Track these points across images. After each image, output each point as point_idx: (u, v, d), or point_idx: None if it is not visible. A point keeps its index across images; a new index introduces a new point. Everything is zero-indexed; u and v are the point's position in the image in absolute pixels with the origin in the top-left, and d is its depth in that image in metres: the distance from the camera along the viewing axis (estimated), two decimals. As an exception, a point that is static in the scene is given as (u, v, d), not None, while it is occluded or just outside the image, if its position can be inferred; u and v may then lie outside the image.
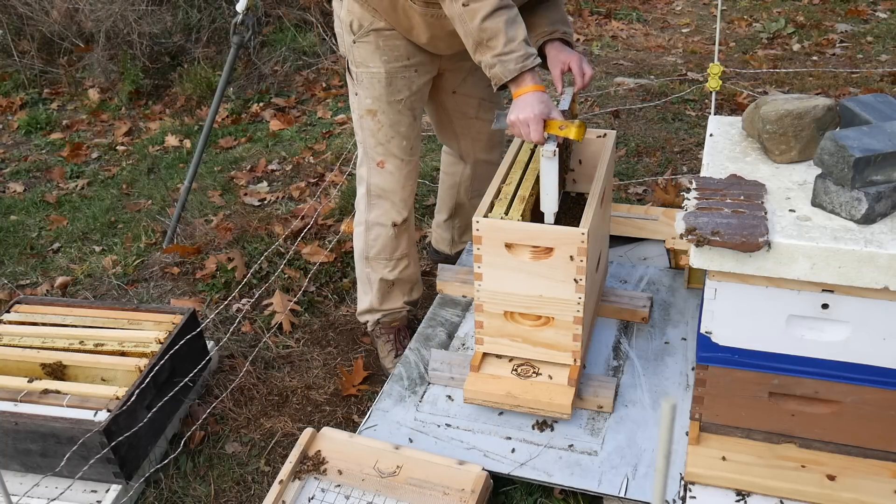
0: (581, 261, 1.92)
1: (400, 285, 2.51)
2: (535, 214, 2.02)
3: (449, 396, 2.22)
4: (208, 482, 2.16)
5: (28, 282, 3.14)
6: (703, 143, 2.01)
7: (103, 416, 2.02)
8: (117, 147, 4.31)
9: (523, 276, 1.99)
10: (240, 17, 3.02)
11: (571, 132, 1.93)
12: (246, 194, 3.67)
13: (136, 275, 3.10)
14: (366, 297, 2.54)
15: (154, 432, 2.17)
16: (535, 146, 2.27)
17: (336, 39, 2.33)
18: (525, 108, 1.91)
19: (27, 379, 2.17)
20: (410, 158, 2.34)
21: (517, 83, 1.92)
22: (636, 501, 1.89)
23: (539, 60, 1.93)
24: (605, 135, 2.30)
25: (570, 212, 2.33)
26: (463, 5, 1.88)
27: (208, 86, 4.66)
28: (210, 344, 2.53)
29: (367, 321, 2.59)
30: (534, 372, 2.12)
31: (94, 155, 4.24)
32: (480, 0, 1.86)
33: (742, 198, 1.68)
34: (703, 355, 1.79)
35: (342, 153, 3.87)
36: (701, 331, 1.77)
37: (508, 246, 1.96)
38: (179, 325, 2.30)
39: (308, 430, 2.06)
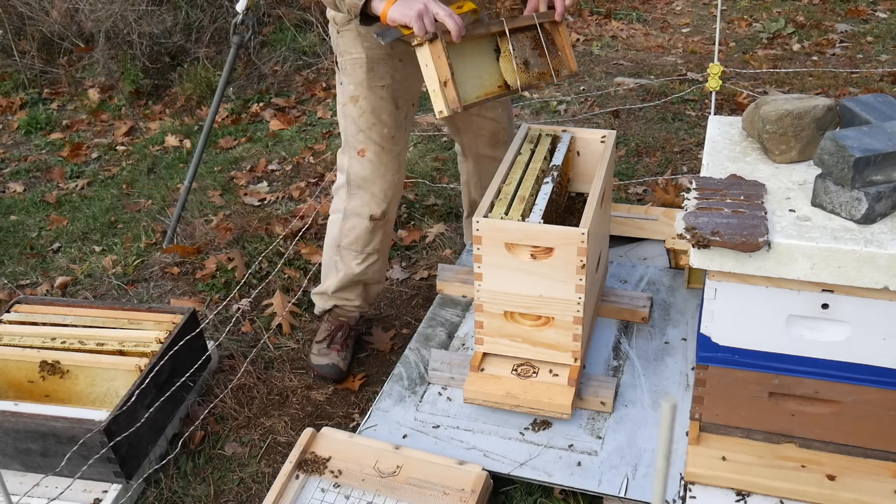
0: (581, 261, 1.92)
1: (363, 281, 2.48)
2: (546, 215, 2.02)
3: (448, 397, 2.22)
4: (208, 482, 2.16)
5: (28, 282, 3.14)
6: (703, 143, 2.01)
7: (103, 415, 2.02)
8: (117, 147, 4.30)
9: (523, 276, 1.99)
10: (240, 16, 3.02)
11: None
12: (246, 194, 3.67)
13: (136, 275, 3.10)
14: (326, 281, 2.52)
15: (154, 432, 2.17)
16: (535, 145, 2.27)
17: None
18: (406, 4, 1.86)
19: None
20: (392, 148, 2.31)
21: (375, 6, 1.90)
22: (636, 501, 1.89)
23: None
24: (605, 135, 2.30)
25: (569, 211, 2.33)
26: None
27: (208, 86, 4.66)
28: (210, 344, 2.53)
29: (317, 304, 2.58)
30: (534, 372, 2.12)
31: (94, 155, 4.24)
32: None
33: (742, 198, 1.68)
34: (703, 355, 1.79)
35: (342, 153, 3.86)
36: (701, 331, 1.77)
37: (509, 246, 1.96)
38: (179, 325, 2.30)
39: (308, 430, 2.07)
